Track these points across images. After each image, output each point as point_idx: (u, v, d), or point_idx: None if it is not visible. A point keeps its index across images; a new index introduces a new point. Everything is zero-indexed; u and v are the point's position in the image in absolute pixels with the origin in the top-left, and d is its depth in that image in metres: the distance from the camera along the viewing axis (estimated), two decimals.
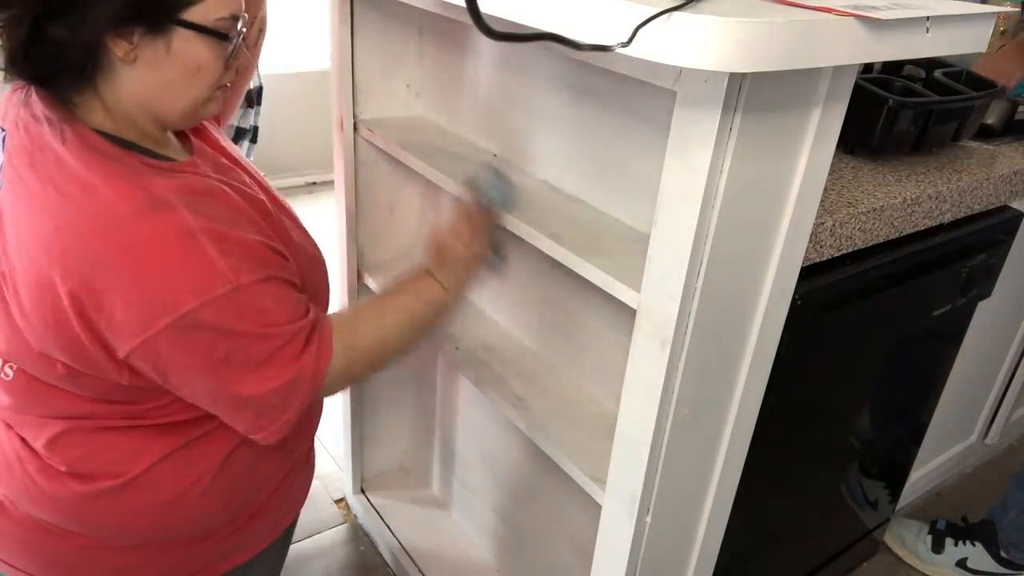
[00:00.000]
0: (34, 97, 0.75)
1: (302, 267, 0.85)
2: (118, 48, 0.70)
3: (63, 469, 0.81)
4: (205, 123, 0.90)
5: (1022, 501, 1.59)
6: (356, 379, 0.87)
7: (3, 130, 0.77)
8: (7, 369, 0.80)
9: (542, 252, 0.95)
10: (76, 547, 0.85)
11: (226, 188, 0.79)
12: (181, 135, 0.86)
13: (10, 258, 0.74)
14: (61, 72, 0.71)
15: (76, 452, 0.81)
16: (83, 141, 0.73)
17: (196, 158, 0.83)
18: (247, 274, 0.73)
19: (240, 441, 0.85)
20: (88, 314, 0.70)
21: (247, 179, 0.88)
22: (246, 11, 1.04)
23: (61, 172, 0.71)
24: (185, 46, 0.73)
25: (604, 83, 0.97)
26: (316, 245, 0.94)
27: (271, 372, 0.75)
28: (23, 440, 0.83)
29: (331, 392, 0.84)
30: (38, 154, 0.73)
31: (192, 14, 0.72)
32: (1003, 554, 1.63)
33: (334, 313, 0.88)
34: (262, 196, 0.86)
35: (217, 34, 0.74)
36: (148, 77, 0.73)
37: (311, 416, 0.99)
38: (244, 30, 0.77)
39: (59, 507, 0.82)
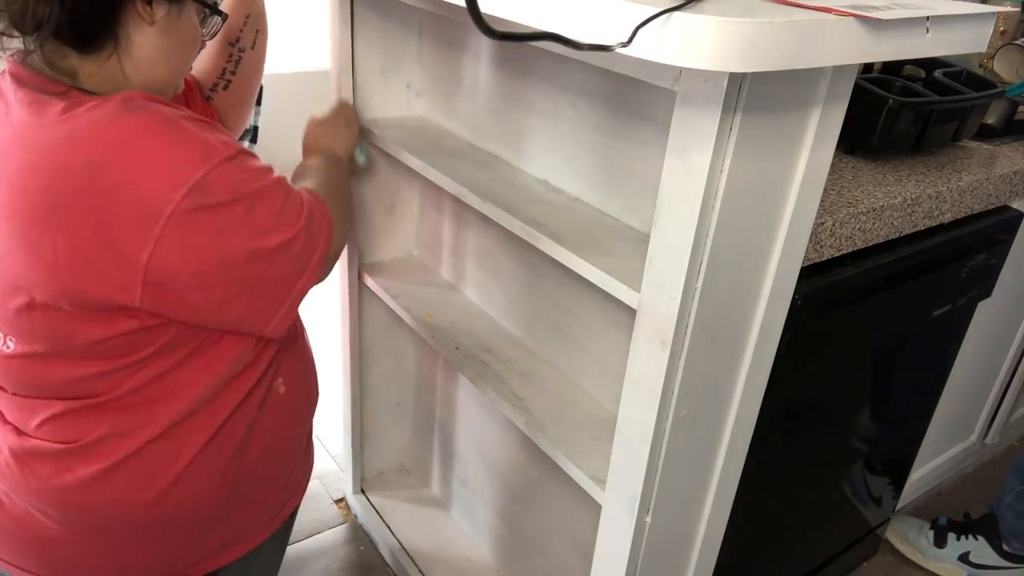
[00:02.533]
0: None
1: None
2: (144, 9, 0.75)
3: (57, 449, 0.81)
4: None
5: (1017, 486, 1.59)
6: (345, 237, 0.94)
7: None
8: (8, 342, 0.79)
9: (542, 252, 0.95)
10: (74, 539, 0.84)
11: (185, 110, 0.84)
12: None
13: (3, 215, 0.74)
14: (100, 29, 0.74)
15: (70, 432, 0.81)
16: (55, 90, 0.75)
17: None
18: (233, 146, 0.77)
19: (230, 415, 0.85)
20: (101, 220, 0.70)
21: None
22: (238, 9, 1.05)
23: (35, 108, 0.74)
24: (189, 17, 0.81)
25: (604, 83, 0.97)
26: None
27: (291, 215, 0.79)
28: (16, 429, 0.84)
29: (335, 254, 0.88)
30: (3, 107, 0.75)
31: None
32: (1005, 547, 1.63)
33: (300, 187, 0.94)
34: None
35: (219, 11, 0.81)
36: (156, 41, 0.78)
37: (308, 399, 1.00)
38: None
39: (55, 494, 0.82)
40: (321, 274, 0.85)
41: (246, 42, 1.07)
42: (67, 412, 0.81)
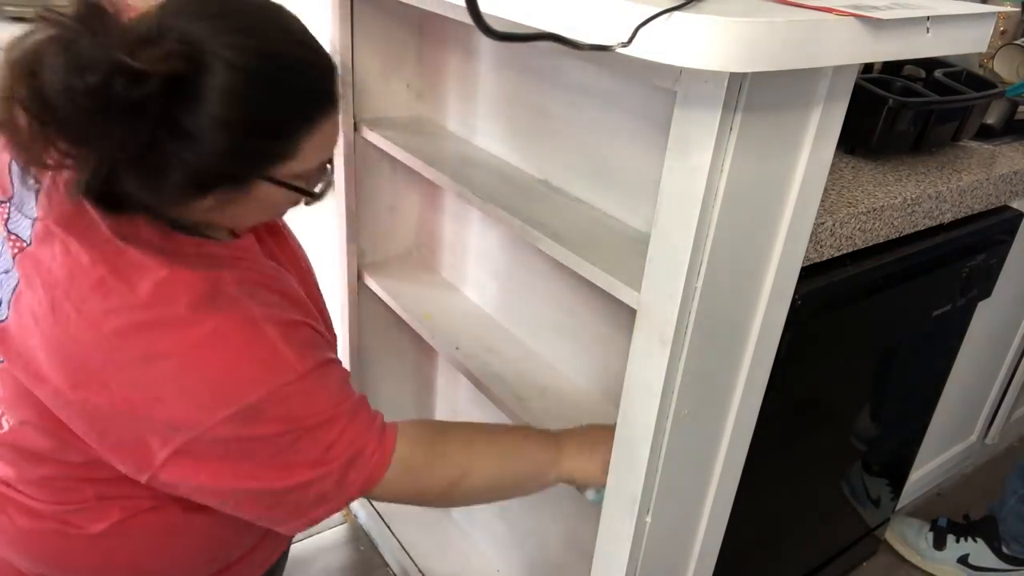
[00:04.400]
0: None
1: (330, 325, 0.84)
2: (192, 197, 0.66)
3: (46, 510, 0.77)
4: None
5: (1020, 489, 1.59)
6: (419, 494, 0.80)
7: (37, 182, 0.69)
8: (3, 421, 0.75)
9: (542, 252, 0.95)
10: None
11: (274, 273, 0.76)
12: None
13: (42, 325, 0.68)
14: (126, 210, 0.67)
15: (62, 496, 0.77)
16: (136, 229, 0.68)
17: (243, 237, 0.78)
18: (311, 359, 0.70)
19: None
20: (139, 410, 0.66)
21: (268, 236, 0.84)
22: None
23: (112, 251, 0.67)
24: (267, 193, 0.68)
25: (604, 83, 0.97)
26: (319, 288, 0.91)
27: (336, 451, 0.71)
28: (5, 483, 0.79)
29: (384, 496, 0.77)
30: (84, 222, 0.68)
31: (281, 171, 0.67)
32: (1005, 550, 1.63)
33: (422, 420, 0.85)
34: (290, 255, 0.84)
35: (300, 189, 0.69)
36: (217, 206, 0.68)
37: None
38: (331, 166, 0.73)
39: (39, 549, 0.78)
40: (347, 503, 0.76)
41: None
42: (58, 480, 0.77)
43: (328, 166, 0.73)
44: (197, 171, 0.62)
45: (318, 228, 1.08)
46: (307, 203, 0.74)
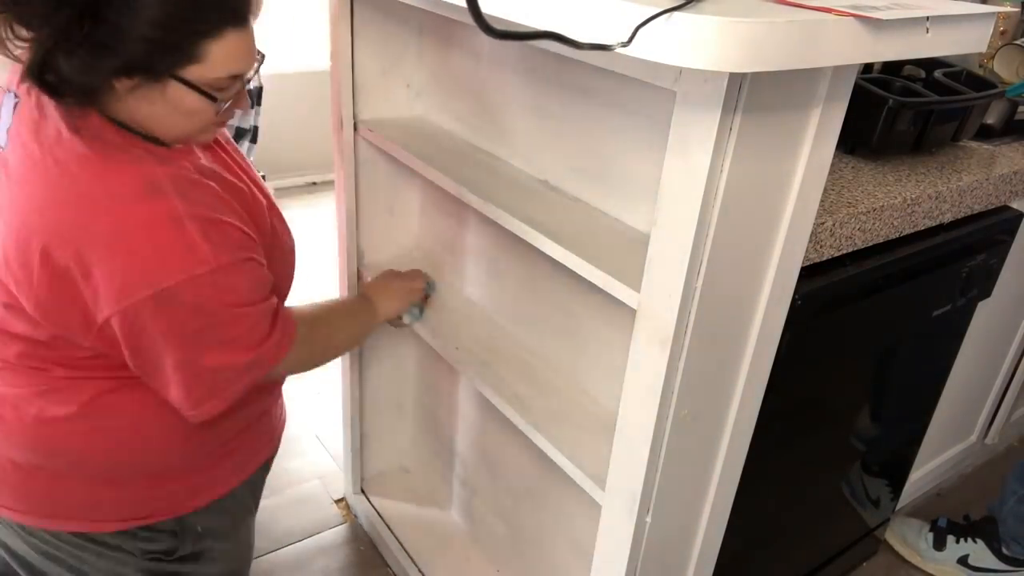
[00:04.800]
0: None
1: (275, 252, 0.92)
2: (119, 83, 0.75)
3: (24, 393, 0.85)
4: None
5: (1019, 490, 1.59)
6: (305, 369, 0.97)
7: (16, 96, 0.82)
8: None
9: (542, 252, 0.95)
10: (44, 481, 0.88)
11: (210, 180, 0.83)
12: None
13: (4, 215, 0.79)
14: (66, 94, 0.75)
15: (35, 378, 0.85)
16: (87, 122, 0.77)
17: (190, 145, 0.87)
18: (226, 255, 0.78)
19: None
20: (75, 279, 0.75)
21: (230, 162, 0.93)
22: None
23: (61, 146, 0.76)
24: (179, 94, 0.77)
25: (604, 83, 0.97)
26: (290, 234, 1.00)
27: (235, 349, 0.82)
28: None
29: (279, 375, 0.93)
30: (43, 124, 0.78)
31: (190, 72, 0.75)
32: (1004, 550, 1.63)
33: (298, 307, 0.96)
34: (244, 179, 0.92)
35: (208, 94, 0.78)
36: (143, 107, 0.77)
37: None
38: (249, 77, 0.82)
39: (18, 435, 0.86)
40: (226, 406, 0.87)
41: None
42: (28, 359, 0.85)
43: (240, 84, 0.81)
44: (117, 54, 0.71)
45: (318, 228, 1.08)
46: (220, 118, 0.83)
